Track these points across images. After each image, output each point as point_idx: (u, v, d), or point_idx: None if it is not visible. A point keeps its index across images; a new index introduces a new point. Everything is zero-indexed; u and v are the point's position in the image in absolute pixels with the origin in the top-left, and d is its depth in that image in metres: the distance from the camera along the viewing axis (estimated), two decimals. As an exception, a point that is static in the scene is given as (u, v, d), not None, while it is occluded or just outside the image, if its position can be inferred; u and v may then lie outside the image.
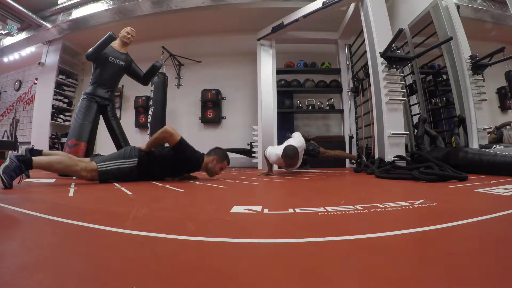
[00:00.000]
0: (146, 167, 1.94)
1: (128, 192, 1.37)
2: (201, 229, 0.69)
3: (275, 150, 2.67)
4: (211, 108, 5.43)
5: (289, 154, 2.45)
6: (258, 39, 4.65)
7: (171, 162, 2.00)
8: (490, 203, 1.03)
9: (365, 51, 3.55)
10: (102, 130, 2.80)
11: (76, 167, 1.71)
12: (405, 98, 3.41)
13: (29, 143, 5.57)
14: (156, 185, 1.72)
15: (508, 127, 3.21)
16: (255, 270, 0.42)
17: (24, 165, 1.50)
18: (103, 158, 1.87)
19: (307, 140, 3.06)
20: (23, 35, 5.43)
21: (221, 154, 2.15)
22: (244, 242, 0.56)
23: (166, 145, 2.03)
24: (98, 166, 1.78)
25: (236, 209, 0.90)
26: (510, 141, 3.09)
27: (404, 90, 3.21)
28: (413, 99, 3.95)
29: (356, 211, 0.84)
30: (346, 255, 0.49)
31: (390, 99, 3.02)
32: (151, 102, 4.79)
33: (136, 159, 1.92)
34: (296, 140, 2.75)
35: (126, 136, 2.87)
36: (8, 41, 5.64)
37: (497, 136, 3.14)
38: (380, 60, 3.11)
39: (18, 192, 1.31)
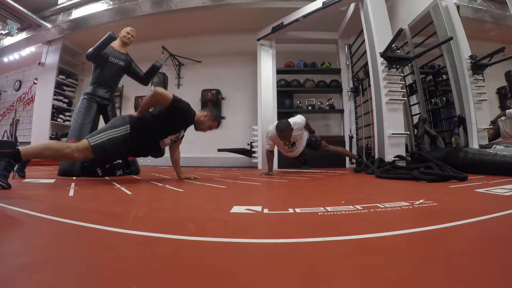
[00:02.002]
0: (140, 132, 1.87)
1: (128, 192, 1.37)
2: (201, 229, 0.69)
3: (271, 126, 2.76)
4: (211, 108, 5.43)
5: (280, 126, 2.56)
6: (258, 39, 4.65)
7: (166, 120, 1.92)
8: (490, 203, 1.03)
9: (365, 51, 3.55)
10: (102, 130, 2.80)
11: (67, 149, 1.64)
12: (405, 98, 3.41)
13: (29, 143, 5.58)
14: (156, 185, 1.72)
15: (503, 117, 3.21)
16: (255, 270, 0.42)
17: (14, 159, 1.46)
18: (93, 133, 1.79)
19: (311, 131, 3.08)
20: (23, 35, 5.44)
21: (215, 114, 2.12)
22: (244, 242, 0.56)
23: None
24: (90, 141, 1.70)
25: (236, 209, 0.90)
26: (507, 129, 3.09)
27: (404, 90, 3.20)
28: (413, 99, 3.95)
29: (356, 211, 0.84)
30: (346, 255, 0.49)
31: (390, 99, 3.02)
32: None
33: (128, 125, 1.84)
34: (295, 118, 2.81)
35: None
36: (8, 41, 5.65)
37: (495, 131, 3.14)
38: (380, 60, 3.11)
39: (18, 192, 1.31)
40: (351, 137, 4.56)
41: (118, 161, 2.54)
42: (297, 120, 2.74)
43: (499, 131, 3.14)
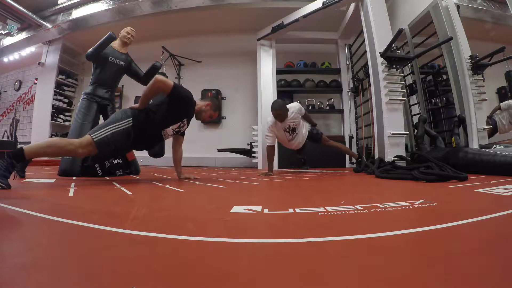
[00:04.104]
0: (144, 124, 1.86)
1: (128, 192, 1.37)
2: (201, 229, 0.69)
3: (269, 117, 2.77)
4: (211, 108, 5.44)
5: (274, 105, 2.59)
6: (258, 39, 4.65)
7: (168, 108, 1.93)
8: (490, 203, 1.03)
9: (365, 51, 3.55)
10: (102, 130, 2.80)
11: (70, 146, 1.62)
12: (405, 98, 3.41)
13: (29, 143, 5.57)
14: (156, 185, 1.72)
15: (498, 111, 3.21)
16: (255, 270, 0.42)
17: (15, 159, 1.43)
18: (95, 128, 1.77)
19: (313, 124, 3.14)
20: (23, 35, 5.44)
21: (216, 103, 2.23)
22: (244, 242, 0.56)
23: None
24: (93, 137, 1.68)
25: (236, 209, 0.90)
26: (504, 121, 3.09)
27: (404, 90, 3.20)
28: (413, 99, 3.94)
29: (356, 211, 0.84)
30: (346, 255, 0.49)
31: (390, 99, 3.02)
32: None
33: (131, 118, 1.83)
34: (290, 103, 2.84)
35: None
36: (8, 41, 5.65)
37: (492, 126, 3.13)
38: (380, 60, 3.11)
39: (18, 192, 1.31)
40: (351, 137, 4.56)
41: (118, 161, 2.54)
42: (292, 104, 2.79)
43: (496, 127, 3.13)
